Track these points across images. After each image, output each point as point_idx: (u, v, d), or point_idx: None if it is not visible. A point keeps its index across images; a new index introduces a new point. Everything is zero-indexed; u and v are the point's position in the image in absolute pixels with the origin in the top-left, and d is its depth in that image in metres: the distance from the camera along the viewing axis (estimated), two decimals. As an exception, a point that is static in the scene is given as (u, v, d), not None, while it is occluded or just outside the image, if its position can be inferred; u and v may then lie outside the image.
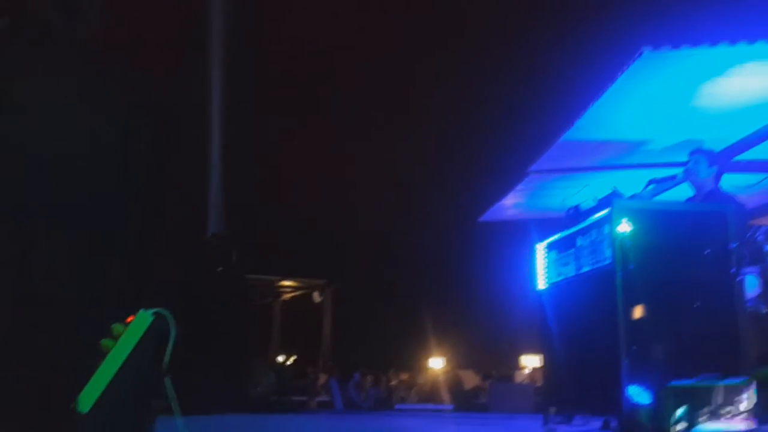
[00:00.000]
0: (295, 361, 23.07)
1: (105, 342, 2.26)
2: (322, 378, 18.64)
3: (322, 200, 24.20)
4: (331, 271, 23.54)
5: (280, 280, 23.30)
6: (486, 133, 20.83)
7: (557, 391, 7.08)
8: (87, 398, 2.18)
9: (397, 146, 23.80)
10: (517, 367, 21.56)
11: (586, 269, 6.08)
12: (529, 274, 7.44)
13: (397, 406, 18.65)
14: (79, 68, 2.01)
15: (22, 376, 2.08)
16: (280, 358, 22.15)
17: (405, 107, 23.41)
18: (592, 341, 6.09)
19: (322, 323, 23.44)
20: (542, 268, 7.03)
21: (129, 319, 2.35)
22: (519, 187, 7.56)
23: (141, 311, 2.37)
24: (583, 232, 6.16)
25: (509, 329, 21.15)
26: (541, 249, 7.05)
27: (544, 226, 7.61)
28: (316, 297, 23.54)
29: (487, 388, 16.95)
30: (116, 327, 2.31)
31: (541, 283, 7.03)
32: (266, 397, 13.46)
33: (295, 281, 23.73)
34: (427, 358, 26.58)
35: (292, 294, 24.65)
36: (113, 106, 2.00)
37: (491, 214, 9.10)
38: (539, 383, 16.05)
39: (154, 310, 2.41)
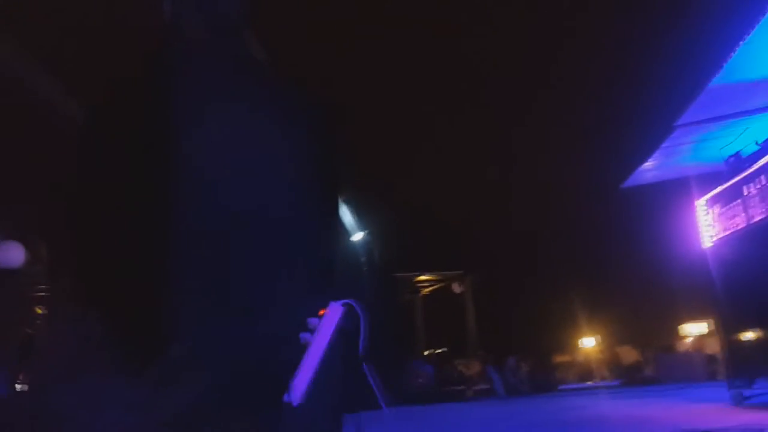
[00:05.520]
0: (442, 352, 23.18)
1: (304, 335, 2.34)
2: (476, 366, 18.55)
3: (453, 188, 23.89)
4: (467, 259, 23.32)
5: (419, 275, 23.45)
6: (622, 89, 19.22)
7: (736, 355, 6.63)
8: (296, 391, 2.27)
9: (527, 122, 22.83)
10: (677, 337, 20.41)
11: (758, 218, 5.67)
12: (689, 233, 7.02)
13: (560, 387, 18.22)
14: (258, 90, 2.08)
15: (239, 374, 2.18)
16: (427, 352, 22.28)
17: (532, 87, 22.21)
18: (772, 296, 5.66)
19: (465, 313, 23.38)
20: (705, 225, 6.62)
21: (321, 312, 2.43)
22: (665, 144, 7.08)
23: (331, 302, 2.44)
24: (749, 179, 5.73)
25: (664, 299, 20.00)
26: (701, 205, 6.64)
27: (700, 180, 7.13)
28: (456, 288, 23.55)
29: (654, 360, 16.38)
30: (312, 321, 2.39)
31: (706, 241, 6.63)
32: (426, 389, 13.60)
33: (433, 275, 23.81)
34: (578, 337, 25.81)
35: (432, 288, 24.74)
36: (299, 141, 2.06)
37: (635, 178, 8.49)
38: (707, 351, 15.32)
39: (344, 301, 2.47)
